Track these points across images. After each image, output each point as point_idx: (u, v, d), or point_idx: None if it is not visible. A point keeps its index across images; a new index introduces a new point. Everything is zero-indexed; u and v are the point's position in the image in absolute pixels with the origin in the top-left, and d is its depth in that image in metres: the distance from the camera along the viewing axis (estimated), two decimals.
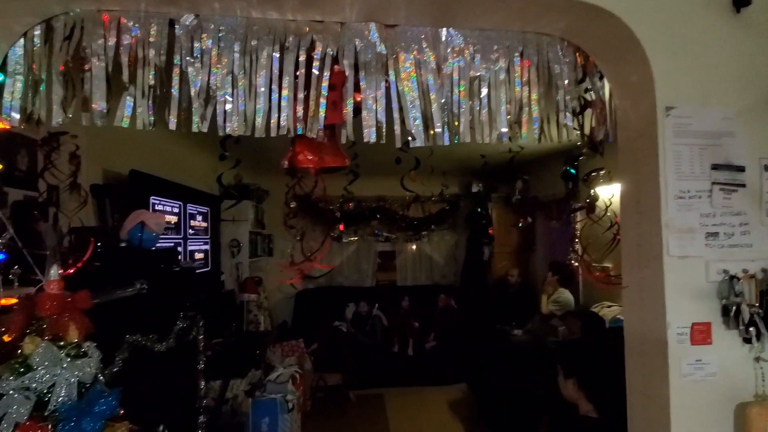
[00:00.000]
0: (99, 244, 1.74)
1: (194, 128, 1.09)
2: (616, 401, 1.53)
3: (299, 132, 1.10)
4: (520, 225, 4.01)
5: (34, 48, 1.08)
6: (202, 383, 2.49)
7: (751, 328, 1.18)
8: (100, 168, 2.41)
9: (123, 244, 1.89)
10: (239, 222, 3.95)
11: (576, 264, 4.16)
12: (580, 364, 1.70)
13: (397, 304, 4.97)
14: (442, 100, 1.20)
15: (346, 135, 1.15)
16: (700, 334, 1.20)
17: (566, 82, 1.26)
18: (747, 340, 1.20)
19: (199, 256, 3.23)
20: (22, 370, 0.94)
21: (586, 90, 1.30)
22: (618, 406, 1.42)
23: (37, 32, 1.08)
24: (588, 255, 1.35)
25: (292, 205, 4.41)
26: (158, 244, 2.59)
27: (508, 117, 1.23)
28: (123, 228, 1.94)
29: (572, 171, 1.84)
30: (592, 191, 1.49)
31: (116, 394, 1.04)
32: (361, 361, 4.34)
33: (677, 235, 1.19)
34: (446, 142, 1.23)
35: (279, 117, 1.09)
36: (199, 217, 3.26)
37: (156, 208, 2.58)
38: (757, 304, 1.19)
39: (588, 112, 1.32)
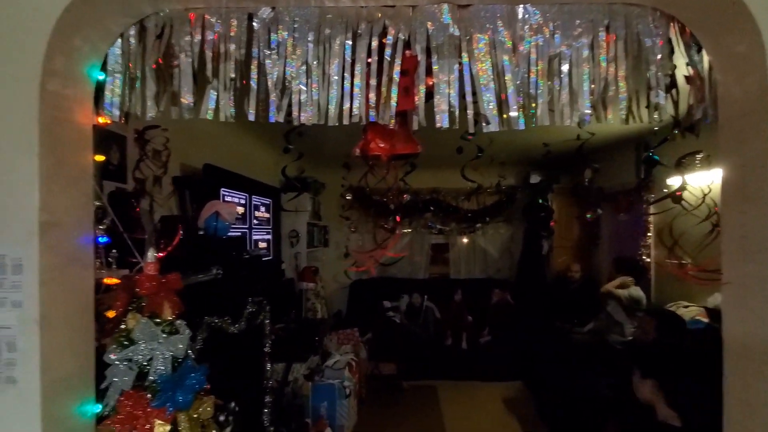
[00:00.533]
0: (182, 232, 1.87)
1: (271, 118, 1.13)
2: (700, 409, 1.40)
3: (372, 119, 1.09)
4: (589, 216, 3.76)
5: (130, 47, 1.17)
6: (268, 365, 2.64)
7: None
8: (178, 162, 2.59)
9: (201, 233, 2.01)
10: (298, 213, 4.09)
11: (647, 259, 3.88)
12: (660, 365, 1.58)
13: (450, 297, 4.91)
14: (518, 82, 1.14)
15: (417, 121, 1.13)
16: None
17: (658, 57, 1.15)
18: None
19: (262, 245, 3.39)
20: (126, 343, 1.03)
21: (682, 65, 1.18)
22: (703, 415, 1.30)
23: (132, 32, 1.16)
24: (679, 248, 1.23)
25: (348, 197, 4.53)
26: (230, 234, 2.76)
27: (591, 97, 1.15)
28: (200, 217, 2.07)
29: (655, 157, 1.68)
30: (682, 178, 1.35)
31: (204, 370, 1.12)
32: (414, 352, 4.35)
33: None
34: (521, 127, 1.17)
35: (351, 105, 1.10)
36: (263, 209, 3.41)
37: (225, 199, 2.74)
38: None
39: (683, 89, 1.19)
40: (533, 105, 1.14)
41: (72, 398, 1.07)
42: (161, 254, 1.22)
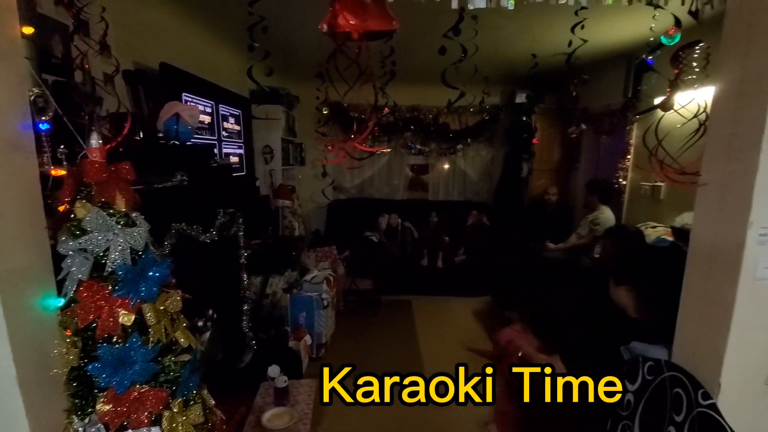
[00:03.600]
0: (140, 130, 1.72)
1: None
2: (663, 306, 1.47)
3: None
4: (571, 132, 3.70)
5: None
6: (245, 276, 2.66)
7: None
8: (131, 60, 2.32)
9: (160, 134, 1.86)
10: (271, 127, 3.87)
11: (623, 182, 3.94)
12: (630, 274, 1.65)
13: (428, 219, 4.97)
14: None
15: None
16: None
17: None
18: None
19: (234, 159, 3.23)
20: (77, 232, 0.96)
21: None
22: (664, 311, 1.37)
23: None
24: (663, 149, 1.18)
25: (325, 111, 4.29)
26: (197, 142, 2.59)
27: None
28: (159, 119, 1.89)
29: (650, 61, 1.57)
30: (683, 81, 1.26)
31: (168, 263, 1.07)
32: (391, 270, 4.50)
33: None
34: (510, 6, 1.04)
35: None
36: (232, 120, 3.19)
37: (189, 104, 2.51)
38: None
39: None
40: None
41: (32, 291, 1.06)
42: (109, 145, 1.10)
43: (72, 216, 0.97)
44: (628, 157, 3.83)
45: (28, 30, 1.24)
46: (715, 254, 1.15)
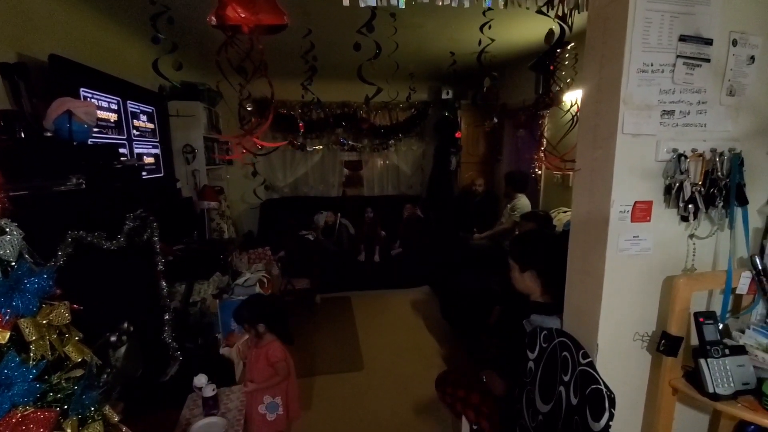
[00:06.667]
0: (20, 129, 1.55)
1: None
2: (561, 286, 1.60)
3: None
4: (487, 125, 3.94)
5: None
6: (164, 285, 2.51)
7: (690, 206, 1.22)
8: (14, 52, 2.08)
9: (49, 134, 1.69)
10: (191, 124, 3.66)
11: (539, 172, 4.27)
12: (538, 253, 1.64)
13: (364, 214, 5.03)
14: None
15: None
16: (641, 212, 1.24)
17: None
18: (684, 218, 1.26)
19: (148, 160, 3.02)
20: None
21: None
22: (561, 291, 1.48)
23: None
24: (552, 146, 1.31)
25: (249, 107, 4.14)
26: (98, 141, 2.38)
27: None
28: (47, 117, 1.72)
29: (545, 61, 1.72)
30: (559, 77, 1.41)
31: (50, 272, 0.99)
32: (328, 267, 4.49)
33: (634, 112, 1.16)
34: (401, 5, 1.09)
35: None
36: (144, 117, 2.98)
37: (89, 100, 2.31)
38: (699, 183, 1.22)
39: None
40: None
41: None
42: None
43: None
44: (542, 148, 4.16)
45: None
46: (588, 230, 1.30)
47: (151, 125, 3.08)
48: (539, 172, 4.30)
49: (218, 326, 3.11)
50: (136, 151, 2.84)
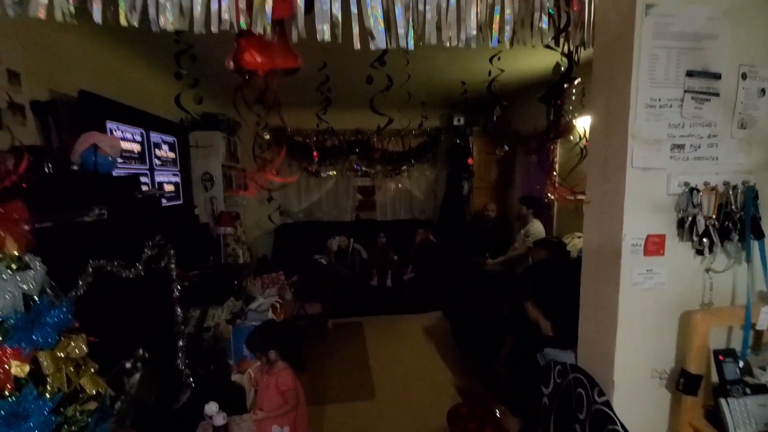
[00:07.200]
0: (48, 164, 1.63)
1: (122, 21, 0.96)
2: (571, 318, 1.58)
3: (243, 26, 0.98)
4: (498, 152, 3.97)
5: None
6: (179, 311, 2.54)
7: (704, 239, 1.20)
8: (46, 89, 2.21)
9: (75, 167, 1.78)
10: (210, 153, 3.79)
11: (552, 197, 4.24)
12: (537, 284, 1.68)
13: (376, 239, 5.04)
14: None
15: (297, 32, 1.04)
16: (654, 246, 1.22)
17: None
18: (699, 252, 1.23)
19: (169, 188, 3.13)
20: None
21: None
22: (572, 322, 1.45)
23: None
24: (561, 178, 1.32)
25: (266, 136, 4.27)
26: (121, 172, 2.49)
27: (478, 17, 1.13)
28: (74, 151, 1.81)
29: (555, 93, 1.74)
30: (566, 110, 1.43)
31: (69, 305, 1.03)
32: (340, 292, 4.48)
33: (643, 146, 1.16)
34: (410, 46, 1.14)
35: (220, 6, 0.97)
36: (165, 147, 3.10)
37: (115, 134, 2.43)
38: (713, 216, 1.21)
39: (566, 16, 1.22)
40: (421, 22, 1.09)
41: None
42: (6, 183, 1.05)
43: None
44: (555, 174, 4.15)
45: None
46: (600, 263, 1.29)
47: (172, 154, 3.20)
48: (552, 197, 4.28)
49: (231, 352, 3.11)
50: (158, 179, 2.95)
